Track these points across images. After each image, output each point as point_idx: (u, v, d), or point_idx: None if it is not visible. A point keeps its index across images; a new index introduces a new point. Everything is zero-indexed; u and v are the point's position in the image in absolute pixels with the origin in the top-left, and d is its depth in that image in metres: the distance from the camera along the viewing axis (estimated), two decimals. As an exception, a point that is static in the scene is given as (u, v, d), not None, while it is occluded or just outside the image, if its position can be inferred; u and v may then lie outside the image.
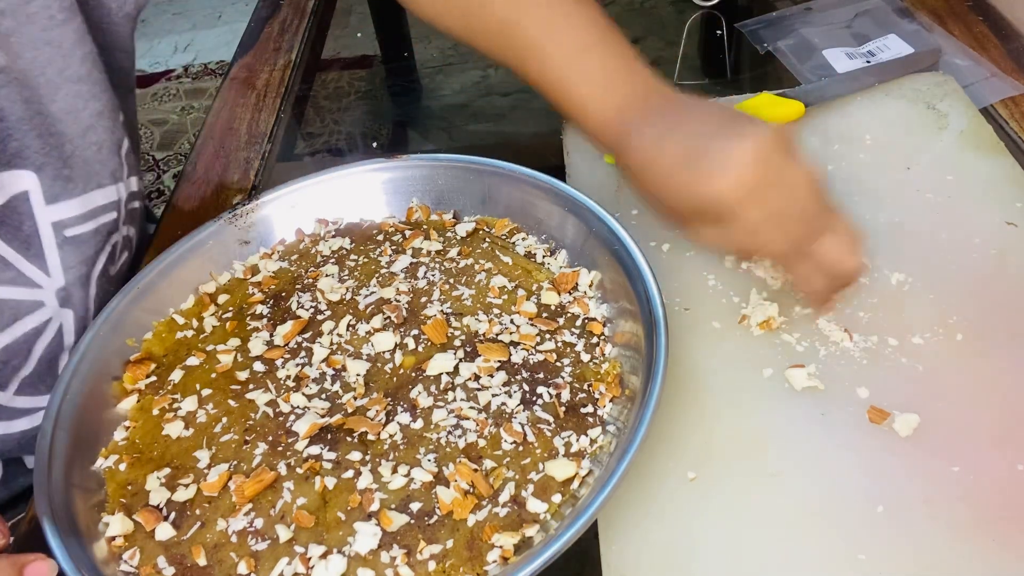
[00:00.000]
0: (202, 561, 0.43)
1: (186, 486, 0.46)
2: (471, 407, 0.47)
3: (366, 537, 0.42)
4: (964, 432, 0.45)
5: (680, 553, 0.42)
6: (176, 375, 0.52)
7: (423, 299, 0.54)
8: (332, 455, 0.46)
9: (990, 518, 0.42)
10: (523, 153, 0.74)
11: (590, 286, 0.53)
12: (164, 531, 0.44)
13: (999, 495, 0.42)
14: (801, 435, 0.46)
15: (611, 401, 0.47)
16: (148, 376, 0.52)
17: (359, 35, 0.95)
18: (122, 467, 0.48)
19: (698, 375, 0.50)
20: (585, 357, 0.49)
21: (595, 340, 0.50)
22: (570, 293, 0.53)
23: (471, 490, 0.43)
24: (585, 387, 0.48)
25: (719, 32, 0.83)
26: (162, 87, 2.32)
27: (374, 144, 0.79)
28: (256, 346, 0.52)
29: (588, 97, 0.51)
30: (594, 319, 0.51)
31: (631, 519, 0.44)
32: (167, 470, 0.47)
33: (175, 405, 0.50)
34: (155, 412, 0.50)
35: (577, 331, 0.51)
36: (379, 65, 0.92)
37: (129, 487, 0.47)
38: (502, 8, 0.54)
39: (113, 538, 0.44)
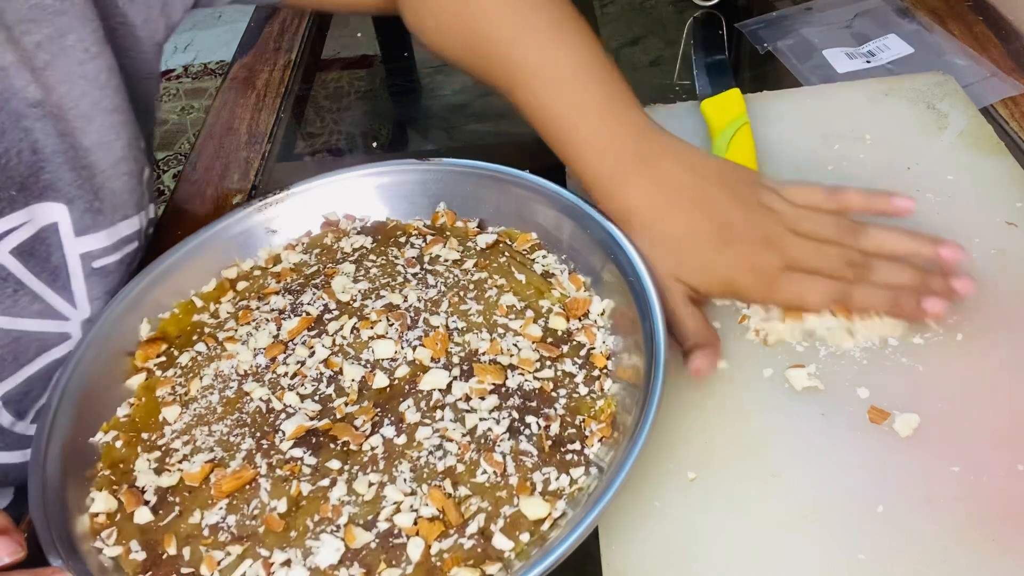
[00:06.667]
0: (171, 551, 0.42)
1: (171, 472, 0.46)
2: (456, 429, 0.45)
3: (329, 551, 0.41)
4: (964, 432, 0.45)
5: (680, 553, 0.42)
6: (184, 358, 0.52)
7: (430, 309, 0.53)
8: (312, 460, 0.45)
9: (990, 518, 0.42)
10: (523, 153, 0.74)
11: (601, 314, 0.51)
12: (143, 515, 0.44)
13: (999, 495, 0.42)
14: (801, 435, 0.46)
15: (600, 441, 0.45)
16: (159, 356, 0.53)
17: (359, 35, 0.95)
18: (119, 444, 0.48)
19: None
20: (583, 390, 0.47)
21: (596, 373, 0.48)
22: (579, 320, 0.51)
23: (440, 516, 0.42)
24: (576, 422, 0.46)
25: (719, 32, 0.83)
26: (162, 87, 2.32)
27: (374, 144, 0.79)
28: (262, 338, 0.52)
29: (577, 129, 0.52)
30: (598, 351, 0.49)
31: (631, 519, 0.44)
32: (157, 453, 0.47)
33: (176, 388, 0.51)
34: (158, 393, 0.51)
35: (580, 361, 0.49)
36: (379, 65, 0.92)
37: (121, 465, 0.47)
38: (499, 33, 0.54)
39: (96, 514, 0.44)
